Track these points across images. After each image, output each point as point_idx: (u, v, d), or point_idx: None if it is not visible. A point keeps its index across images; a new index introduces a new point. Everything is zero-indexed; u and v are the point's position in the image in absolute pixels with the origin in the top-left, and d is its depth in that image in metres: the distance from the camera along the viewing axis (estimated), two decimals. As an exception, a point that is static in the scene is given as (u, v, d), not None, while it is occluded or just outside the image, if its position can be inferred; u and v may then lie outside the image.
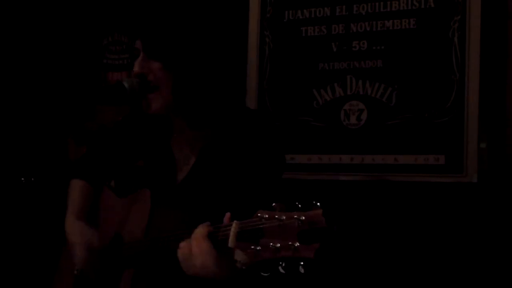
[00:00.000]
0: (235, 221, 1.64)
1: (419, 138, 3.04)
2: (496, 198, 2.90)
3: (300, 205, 1.51)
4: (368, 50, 3.16)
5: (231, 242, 1.62)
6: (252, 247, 1.54)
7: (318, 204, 1.49)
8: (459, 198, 2.95)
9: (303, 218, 1.48)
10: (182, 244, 1.76)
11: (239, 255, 1.70)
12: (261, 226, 1.54)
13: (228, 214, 1.70)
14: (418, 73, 3.05)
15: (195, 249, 1.72)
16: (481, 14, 2.95)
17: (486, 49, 2.95)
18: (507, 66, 2.95)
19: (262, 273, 1.54)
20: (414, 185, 3.04)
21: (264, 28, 3.37)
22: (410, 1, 3.09)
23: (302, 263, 1.48)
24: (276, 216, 1.51)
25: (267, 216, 1.54)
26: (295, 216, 1.49)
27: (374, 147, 3.12)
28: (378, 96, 3.13)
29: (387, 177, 3.09)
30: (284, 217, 1.50)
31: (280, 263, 1.50)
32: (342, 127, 3.19)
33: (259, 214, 1.55)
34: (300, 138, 3.26)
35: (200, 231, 1.74)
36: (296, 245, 1.47)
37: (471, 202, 2.93)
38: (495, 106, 2.96)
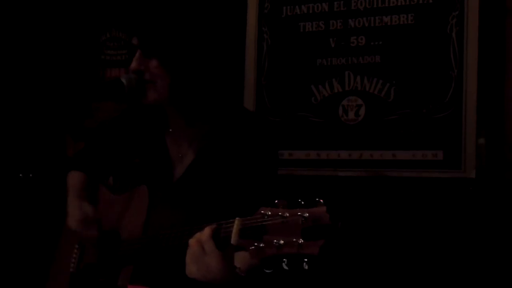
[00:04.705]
0: (237, 218, 1.63)
1: (417, 134, 3.04)
2: (494, 194, 2.90)
3: (303, 202, 1.50)
4: (366, 46, 3.15)
5: (233, 239, 1.62)
6: (256, 244, 1.53)
7: (322, 201, 1.49)
8: (457, 193, 2.95)
9: (307, 215, 1.48)
10: (191, 241, 1.76)
11: (239, 261, 1.70)
12: (264, 223, 1.53)
13: None
14: (416, 68, 3.05)
15: (200, 250, 1.73)
16: (479, 9, 2.95)
17: (484, 44, 2.95)
18: (505, 62, 2.95)
19: (265, 270, 1.53)
20: (412, 181, 3.04)
21: (262, 24, 3.36)
22: (408, -4, 3.09)
23: (306, 259, 1.47)
24: (280, 213, 1.51)
25: (270, 213, 1.53)
26: (299, 213, 1.48)
27: (373, 143, 3.12)
28: (376, 92, 3.13)
29: (385, 173, 3.09)
30: (288, 214, 1.50)
31: (284, 260, 1.49)
32: (340, 122, 3.19)
33: (262, 211, 1.55)
34: (298, 133, 3.25)
35: (205, 232, 1.74)
36: (300, 241, 1.47)
37: (469, 197, 2.93)
38: (493, 102, 2.96)
